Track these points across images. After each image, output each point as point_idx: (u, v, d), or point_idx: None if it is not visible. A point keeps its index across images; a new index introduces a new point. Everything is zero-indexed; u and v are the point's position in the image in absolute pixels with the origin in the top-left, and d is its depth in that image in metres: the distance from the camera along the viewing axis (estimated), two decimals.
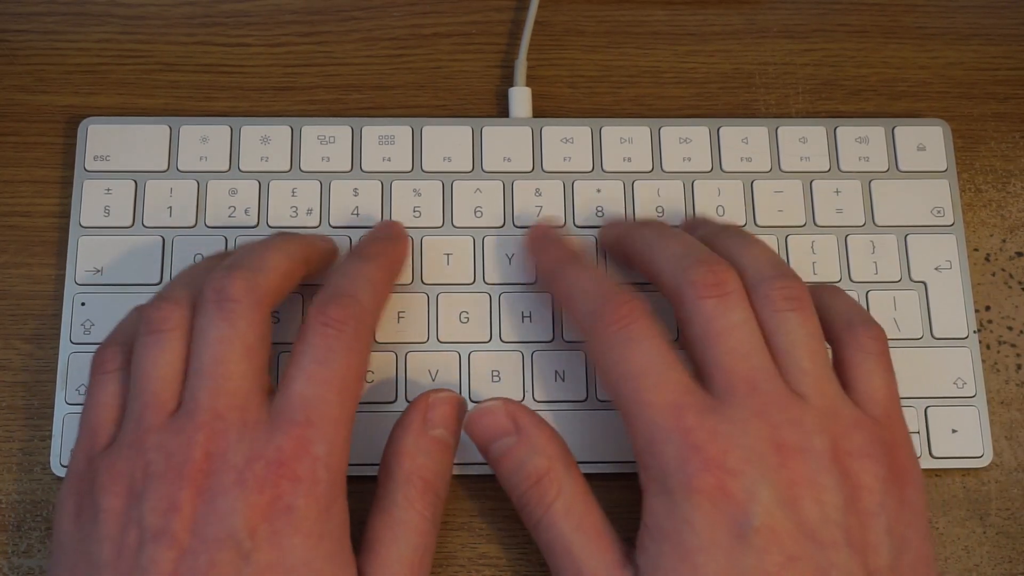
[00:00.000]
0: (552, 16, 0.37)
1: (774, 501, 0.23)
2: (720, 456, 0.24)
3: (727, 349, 0.25)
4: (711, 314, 0.26)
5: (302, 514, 0.24)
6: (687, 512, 0.24)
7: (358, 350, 0.26)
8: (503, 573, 0.31)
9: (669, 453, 0.24)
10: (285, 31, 0.37)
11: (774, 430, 0.24)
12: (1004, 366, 0.34)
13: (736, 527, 0.23)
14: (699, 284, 0.26)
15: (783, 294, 0.26)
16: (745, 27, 0.37)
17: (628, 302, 0.26)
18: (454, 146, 0.34)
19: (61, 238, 0.34)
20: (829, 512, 0.24)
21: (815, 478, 0.24)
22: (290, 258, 0.28)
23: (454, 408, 0.28)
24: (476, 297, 0.33)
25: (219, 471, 0.23)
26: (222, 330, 0.25)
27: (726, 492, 0.23)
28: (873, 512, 0.24)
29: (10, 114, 0.35)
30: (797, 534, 0.23)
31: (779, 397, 0.25)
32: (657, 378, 0.25)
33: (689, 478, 0.24)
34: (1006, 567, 0.32)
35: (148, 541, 0.23)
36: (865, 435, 0.25)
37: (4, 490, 0.32)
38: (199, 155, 0.34)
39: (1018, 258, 0.35)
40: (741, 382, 0.25)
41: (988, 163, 0.36)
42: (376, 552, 0.26)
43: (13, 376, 0.32)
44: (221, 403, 0.24)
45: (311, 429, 0.24)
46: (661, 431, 0.24)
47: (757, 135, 0.35)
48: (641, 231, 0.30)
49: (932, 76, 0.37)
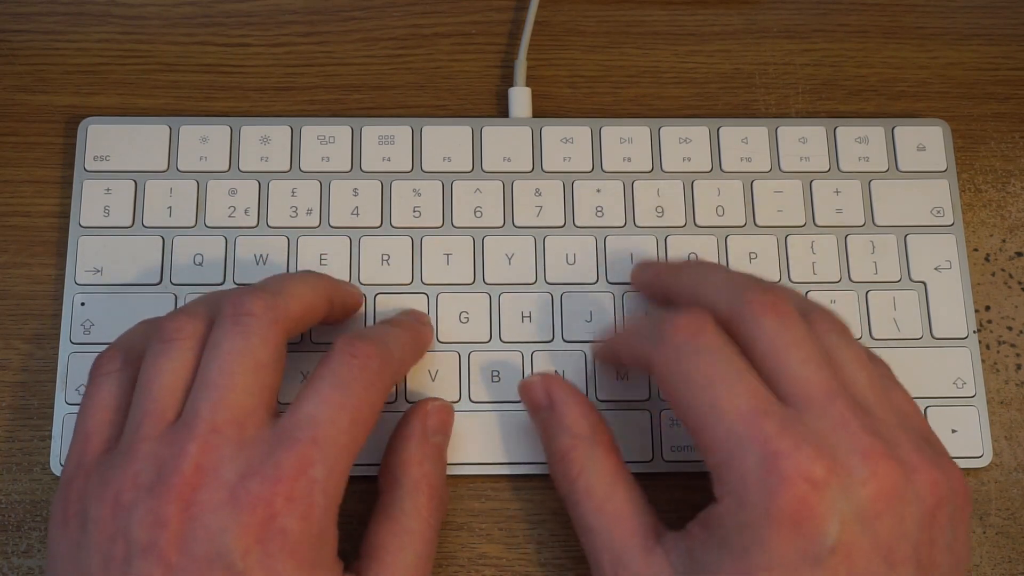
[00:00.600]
0: (552, 16, 0.37)
1: (855, 516, 0.22)
2: (806, 465, 0.22)
3: (800, 359, 0.24)
4: (777, 330, 0.25)
5: (296, 538, 0.23)
6: (763, 531, 0.22)
7: (378, 388, 0.26)
8: (503, 573, 0.31)
9: (749, 463, 0.23)
10: (285, 31, 0.37)
11: (859, 439, 0.23)
12: (1004, 366, 0.34)
13: (811, 549, 0.22)
14: (760, 303, 0.25)
15: (832, 318, 0.26)
16: (745, 27, 0.37)
17: (692, 312, 0.25)
18: (454, 146, 0.34)
19: (61, 238, 0.34)
20: (908, 528, 0.23)
21: (901, 490, 0.23)
22: (314, 292, 0.28)
23: (448, 415, 0.30)
24: (476, 297, 0.33)
25: (209, 486, 0.23)
26: (234, 343, 0.24)
27: (809, 508, 0.22)
28: (943, 527, 0.24)
29: (10, 114, 0.35)
30: (871, 553, 0.22)
31: (856, 406, 0.24)
32: (733, 385, 0.24)
33: (771, 492, 0.22)
34: (1006, 567, 0.32)
35: (135, 556, 0.22)
36: (931, 448, 0.25)
37: (4, 490, 0.32)
38: (199, 155, 0.34)
39: (1018, 258, 0.35)
40: (819, 391, 0.24)
41: (988, 163, 0.36)
42: (381, 560, 0.26)
43: (13, 376, 0.32)
44: (220, 416, 0.24)
45: (315, 449, 0.23)
46: (740, 440, 0.23)
47: (757, 135, 0.35)
48: (683, 268, 0.29)
49: (932, 76, 0.37)
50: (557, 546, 0.31)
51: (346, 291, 0.31)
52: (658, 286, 0.30)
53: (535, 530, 0.31)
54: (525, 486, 0.32)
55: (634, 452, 0.31)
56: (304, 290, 0.27)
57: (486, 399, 0.32)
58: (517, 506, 0.32)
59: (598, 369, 0.32)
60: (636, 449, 0.31)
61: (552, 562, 0.31)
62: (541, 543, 0.31)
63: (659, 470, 0.31)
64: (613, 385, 0.32)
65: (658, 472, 0.31)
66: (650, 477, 0.31)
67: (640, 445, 0.31)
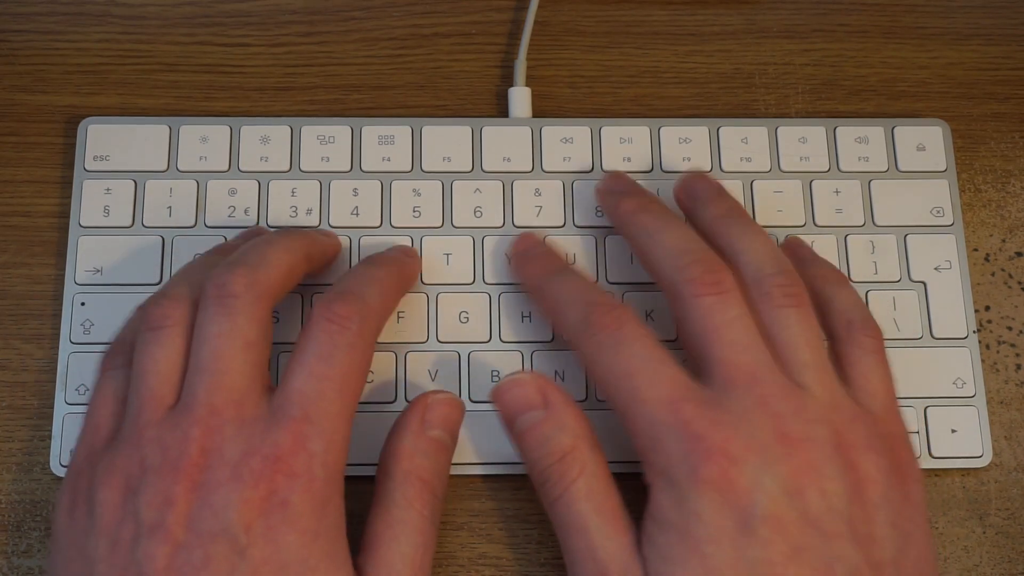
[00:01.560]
0: (552, 16, 0.37)
1: (779, 490, 0.23)
2: (723, 444, 0.24)
3: (726, 342, 0.26)
4: (708, 311, 0.26)
5: (297, 510, 0.24)
6: (694, 503, 0.24)
7: (361, 348, 0.26)
8: (503, 573, 0.31)
9: (671, 447, 0.24)
10: (285, 31, 0.37)
11: (777, 420, 0.24)
12: (1004, 366, 0.34)
13: (742, 517, 0.23)
14: (697, 282, 0.26)
15: (783, 291, 0.27)
16: (745, 27, 0.37)
17: (616, 307, 0.27)
18: (454, 146, 0.34)
19: (61, 238, 0.34)
20: (833, 502, 0.24)
21: (819, 467, 0.24)
22: (292, 254, 0.28)
23: (453, 409, 0.28)
24: (476, 297, 0.33)
25: (214, 466, 0.23)
26: (222, 325, 0.25)
27: (731, 481, 0.23)
28: (877, 504, 0.24)
29: (10, 114, 0.35)
30: (802, 524, 0.23)
31: (780, 388, 0.25)
32: (652, 375, 0.25)
33: (694, 468, 0.24)
34: (1006, 567, 0.32)
35: (143, 535, 0.23)
36: (867, 428, 0.25)
37: (4, 490, 0.32)
38: (199, 155, 0.34)
39: (1018, 258, 0.35)
40: (741, 374, 0.25)
41: (988, 163, 0.36)
42: (376, 551, 0.26)
43: (13, 376, 0.32)
44: (218, 398, 0.24)
45: (308, 425, 0.24)
46: (661, 426, 0.25)
47: (757, 135, 0.35)
48: (639, 218, 0.29)
49: (932, 76, 0.37)
50: (557, 546, 0.31)
51: (323, 243, 0.31)
52: (615, 223, 0.31)
53: (535, 530, 0.31)
54: (525, 486, 0.32)
55: (629, 452, 0.31)
56: (282, 256, 0.27)
57: (486, 399, 0.32)
58: (517, 506, 0.32)
59: None
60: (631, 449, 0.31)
61: (552, 562, 0.31)
62: (541, 543, 0.31)
63: None
64: None
65: None
66: None
67: None
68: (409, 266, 0.31)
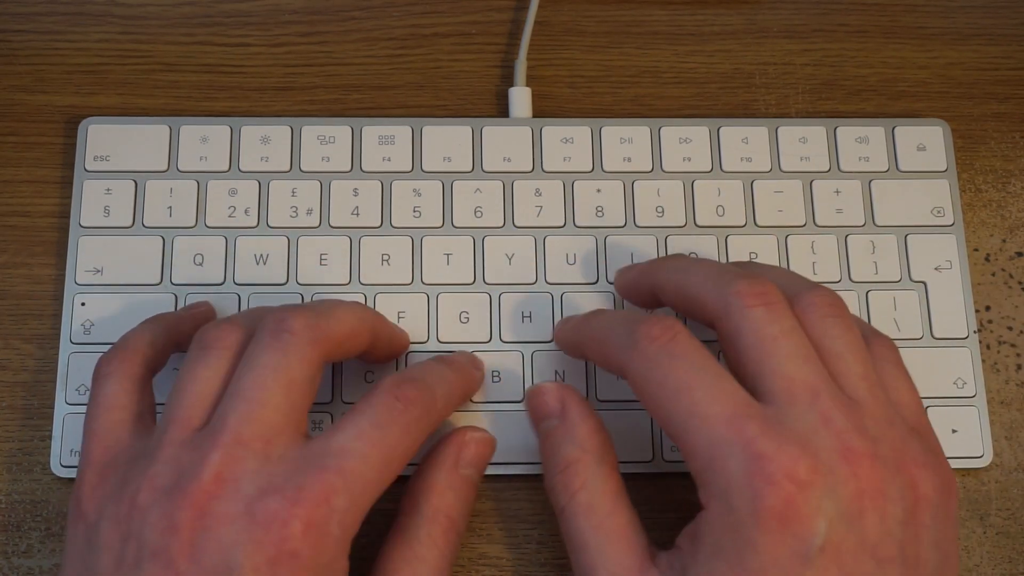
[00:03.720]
0: (552, 16, 0.37)
1: (840, 515, 0.22)
2: (790, 466, 0.22)
3: (784, 355, 0.24)
4: (761, 322, 0.25)
5: (306, 564, 0.22)
6: (752, 533, 0.22)
7: (415, 435, 0.25)
8: (503, 573, 0.31)
9: (732, 467, 0.23)
10: (285, 31, 0.37)
11: (841, 437, 0.23)
12: (1004, 366, 0.34)
13: (801, 548, 0.22)
14: (746, 294, 0.25)
15: (825, 301, 0.26)
16: (745, 27, 0.37)
17: (664, 319, 0.25)
18: (454, 146, 0.34)
19: (61, 238, 0.34)
20: (890, 525, 0.23)
21: (882, 488, 0.23)
22: (360, 320, 0.27)
23: (487, 448, 0.29)
24: (476, 297, 0.33)
25: (227, 497, 0.22)
26: (271, 357, 0.24)
27: (795, 509, 0.22)
28: (927, 525, 0.24)
29: (10, 114, 0.35)
30: (858, 551, 0.22)
31: (841, 402, 0.24)
32: (711, 390, 0.24)
33: (757, 494, 0.22)
34: (1006, 567, 0.32)
35: (146, 559, 0.22)
36: (920, 443, 0.24)
37: (4, 490, 0.32)
38: (199, 155, 0.34)
39: (1018, 258, 0.35)
40: (801, 388, 0.24)
41: (988, 163, 0.36)
42: None
43: (13, 376, 0.32)
44: (247, 430, 0.23)
45: (340, 479, 0.23)
46: (722, 444, 0.23)
47: (757, 135, 0.35)
48: (668, 262, 0.29)
49: (932, 76, 0.37)
50: (557, 546, 0.31)
51: (392, 330, 0.30)
52: (644, 284, 0.30)
53: (535, 530, 0.31)
54: (525, 486, 0.32)
55: (634, 452, 0.31)
56: (349, 317, 0.27)
57: (486, 399, 0.32)
58: (517, 506, 0.32)
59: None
60: (636, 449, 0.31)
61: (552, 562, 0.31)
62: (541, 543, 0.31)
63: (659, 470, 0.31)
64: (613, 385, 0.32)
65: (658, 472, 0.31)
66: (650, 477, 0.31)
67: (640, 445, 0.31)
68: (476, 379, 0.31)
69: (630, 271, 0.31)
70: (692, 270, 0.27)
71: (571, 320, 0.30)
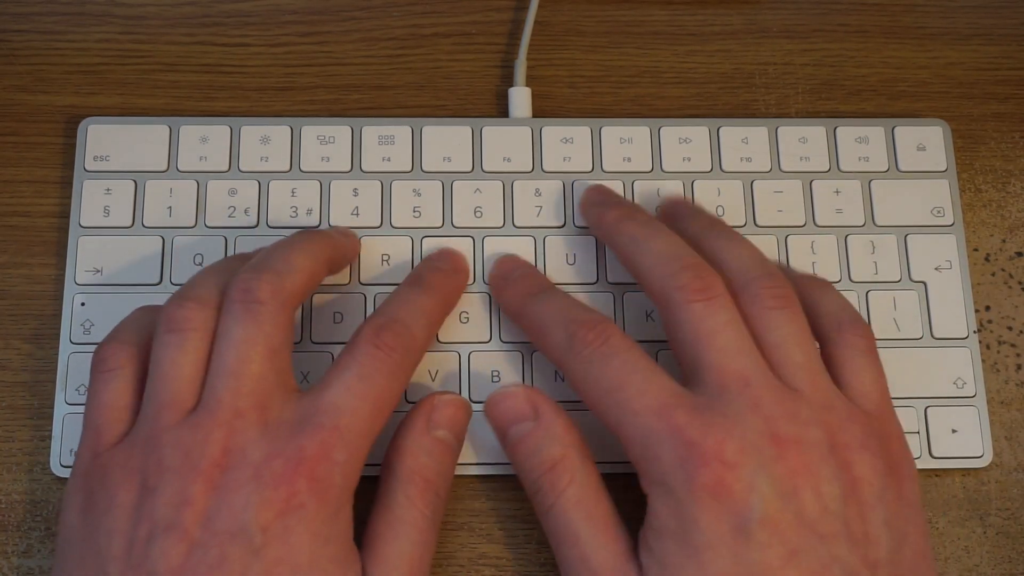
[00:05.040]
0: (552, 16, 0.37)
1: (774, 492, 0.23)
2: (717, 448, 0.24)
3: (718, 347, 0.26)
4: (699, 316, 0.26)
5: (313, 514, 0.24)
6: (691, 510, 0.24)
7: (400, 378, 0.27)
8: (503, 573, 0.31)
9: (665, 455, 0.24)
10: (285, 31, 0.37)
11: (770, 422, 0.24)
12: (1004, 366, 0.34)
13: (739, 522, 0.23)
14: (687, 288, 0.26)
15: (771, 293, 0.27)
16: (745, 27, 0.37)
17: (599, 322, 0.27)
18: (454, 146, 0.34)
19: (61, 238, 0.34)
20: (828, 503, 0.24)
21: (814, 469, 0.24)
22: (315, 260, 0.28)
23: (459, 410, 0.29)
24: (476, 297, 0.33)
25: (236, 467, 0.24)
26: (248, 330, 0.25)
27: (727, 486, 0.23)
28: (872, 504, 0.24)
29: (10, 114, 0.35)
30: (798, 526, 0.23)
31: (772, 391, 0.25)
32: (640, 385, 0.25)
33: (689, 475, 0.24)
34: (1006, 567, 0.32)
35: (158, 534, 0.23)
36: (861, 428, 0.25)
37: (4, 490, 0.32)
38: (199, 155, 0.34)
39: (1018, 258, 0.35)
40: (733, 379, 0.25)
41: (988, 163, 0.36)
42: (377, 549, 0.26)
43: (13, 376, 0.32)
44: (242, 402, 0.24)
45: (337, 436, 0.25)
46: (654, 434, 0.25)
47: (757, 135, 0.35)
48: (624, 227, 0.29)
49: (932, 76, 0.37)
50: None
51: (344, 246, 0.31)
52: (600, 234, 0.31)
53: (535, 530, 0.31)
54: None
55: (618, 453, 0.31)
56: (306, 261, 0.28)
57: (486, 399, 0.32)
58: (517, 506, 0.32)
59: None
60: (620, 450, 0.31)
61: (552, 562, 0.31)
62: (541, 543, 0.31)
63: None
64: None
65: None
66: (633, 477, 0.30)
67: None
68: (457, 286, 0.31)
69: (591, 209, 0.32)
70: (643, 246, 0.28)
71: (512, 282, 0.31)
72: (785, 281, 0.27)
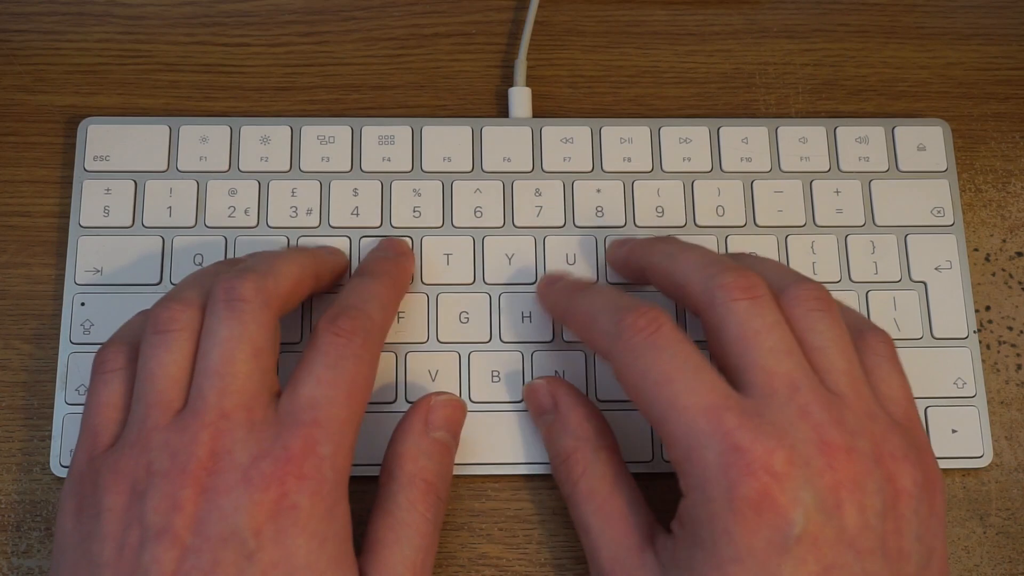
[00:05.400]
0: (552, 16, 0.37)
1: (816, 506, 0.23)
2: (766, 457, 0.23)
3: (766, 349, 0.25)
4: (746, 316, 0.25)
5: (307, 513, 0.24)
6: (728, 522, 0.23)
7: (367, 360, 0.26)
8: (503, 573, 0.31)
9: (710, 458, 0.23)
10: (285, 31, 0.37)
11: (819, 430, 0.23)
12: (1004, 366, 0.34)
13: (777, 537, 0.22)
14: (731, 287, 0.25)
15: (812, 295, 0.26)
16: (745, 27, 0.37)
17: (650, 310, 0.26)
18: (454, 146, 0.34)
19: (61, 238, 0.34)
20: (869, 518, 0.23)
21: (860, 481, 0.23)
22: (301, 268, 0.28)
23: (455, 410, 0.29)
24: (476, 297, 0.33)
25: (224, 470, 0.23)
26: (232, 329, 0.25)
27: (771, 498, 0.22)
28: (908, 518, 0.24)
29: (10, 114, 0.35)
30: (836, 542, 0.23)
31: (820, 397, 0.24)
32: (691, 381, 0.24)
33: (732, 485, 0.23)
34: (1006, 567, 0.32)
35: (150, 540, 0.23)
36: (900, 438, 0.25)
37: (4, 490, 0.32)
38: (199, 155, 0.34)
39: (1018, 258, 0.35)
40: (782, 382, 0.24)
41: (988, 163, 0.36)
42: (378, 553, 0.26)
43: (13, 376, 0.32)
44: (228, 402, 0.24)
45: (318, 429, 0.24)
46: (700, 435, 0.23)
47: (757, 135, 0.35)
48: (658, 245, 0.29)
49: (932, 76, 0.37)
50: (557, 546, 0.31)
51: (331, 262, 0.31)
52: (633, 262, 0.30)
53: (535, 530, 0.31)
54: (525, 486, 0.32)
55: (634, 452, 0.31)
56: (291, 268, 0.28)
57: (486, 399, 0.32)
58: (517, 506, 0.32)
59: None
60: (636, 449, 0.31)
61: (552, 562, 0.31)
62: (541, 543, 0.31)
63: (659, 470, 0.31)
64: (613, 386, 0.32)
65: (658, 472, 0.31)
66: (650, 477, 0.31)
67: (640, 445, 0.31)
68: (404, 273, 0.31)
69: (622, 247, 0.32)
70: (680, 257, 0.28)
71: (558, 283, 0.31)
72: (822, 286, 0.27)
